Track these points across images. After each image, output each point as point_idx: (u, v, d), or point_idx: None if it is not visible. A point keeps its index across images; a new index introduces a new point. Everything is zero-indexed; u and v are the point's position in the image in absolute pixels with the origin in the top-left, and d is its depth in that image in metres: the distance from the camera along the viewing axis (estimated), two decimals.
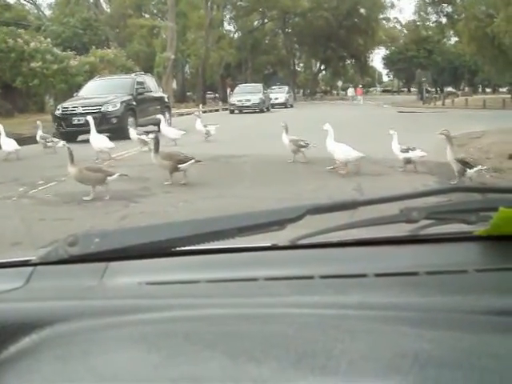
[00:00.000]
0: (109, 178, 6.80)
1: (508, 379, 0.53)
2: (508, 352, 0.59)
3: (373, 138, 8.79)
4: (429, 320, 0.70)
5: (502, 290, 0.82)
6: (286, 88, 38.83)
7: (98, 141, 10.76)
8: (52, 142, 11.73)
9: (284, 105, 35.33)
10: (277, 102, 34.73)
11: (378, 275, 0.86)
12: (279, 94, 36.61)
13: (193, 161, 7.72)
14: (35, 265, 0.91)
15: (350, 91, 46.96)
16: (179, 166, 7.59)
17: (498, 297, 0.78)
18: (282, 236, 0.96)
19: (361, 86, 55.21)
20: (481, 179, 7.40)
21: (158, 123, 17.25)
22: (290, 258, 0.97)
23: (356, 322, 0.69)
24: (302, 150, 9.35)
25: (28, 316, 0.72)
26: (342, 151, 8.26)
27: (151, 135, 11.70)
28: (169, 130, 13.35)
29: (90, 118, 11.33)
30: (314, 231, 0.95)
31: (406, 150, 8.32)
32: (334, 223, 0.94)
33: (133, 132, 11.79)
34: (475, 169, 7.28)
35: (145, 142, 11.16)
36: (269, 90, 34.78)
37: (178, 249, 0.89)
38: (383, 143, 8.82)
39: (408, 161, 8.33)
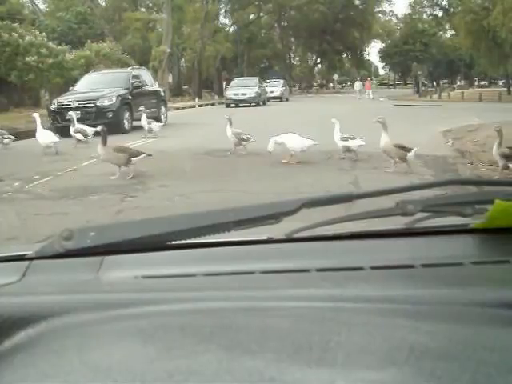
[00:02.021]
0: None
1: (504, 371, 0.53)
2: (504, 344, 0.60)
3: (367, 131, 8.82)
4: (425, 312, 0.70)
5: (498, 283, 0.82)
6: (282, 81, 38.72)
7: (44, 136, 10.70)
8: (9, 138, 11.76)
9: (279, 98, 35.27)
10: (272, 95, 34.66)
11: (374, 268, 0.87)
12: (275, 87, 36.53)
13: (144, 155, 7.77)
14: (31, 259, 0.91)
15: (358, 85, 44.73)
16: (131, 159, 7.60)
17: (493, 289, 0.78)
18: (278, 229, 0.96)
19: (369, 78, 53.78)
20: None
21: (155, 117, 17.33)
22: (286, 251, 0.97)
23: (352, 314, 0.69)
24: (244, 143, 9.69)
25: (24, 310, 0.72)
26: (294, 141, 8.54)
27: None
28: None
29: (36, 115, 11.25)
30: (310, 224, 0.95)
31: (346, 139, 8.69)
32: (330, 216, 0.94)
33: (72, 129, 11.74)
34: (412, 152, 7.50)
35: (78, 140, 11.26)
36: (264, 84, 34.71)
37: (174, 242, 0.89)
38: (378, 137, 8.85)
39: (347, 149, 8.70)
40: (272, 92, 35.11)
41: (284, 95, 36.42)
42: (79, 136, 11.56)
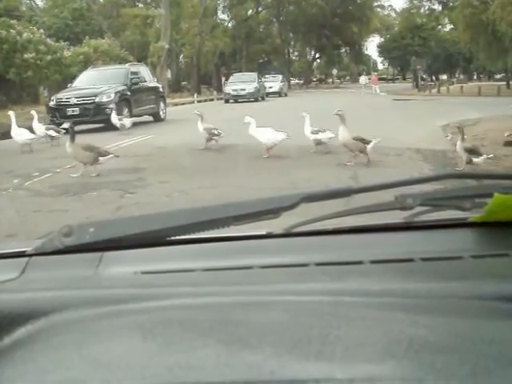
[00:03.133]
0: None
1: (503, 364, 0.53)
2: (503, 337, 0.60)
3: (368, 128, 8.82)
4: (424, 306, 0.70)
5: (497, 276, 0.82)
6: (281, 77, 38.67)
7: (19, 134, 10.71)
8: None
9: (278, 93, 35.21)
10: (271, 90, 34.61)
11: (373, 262, 0.87)
12: (273, 82, 36.48)
13: (112, 155, 7.82)
14: (30, 255, 0.91)
15: (363, 79, 43.87)
16: (100, 158, 7.63)
17: (493, 283, 0.79)
18: (277, 224, 0.96)
19: (375, 73, 53.45)
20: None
21: (153, 113, 17.30)
22: (285, 245, 0.97)
23: (351, 308, 0.69)
24: (216, 137, 9.86)
25: (23, 306, 0.72)
26: (267, 135, 8.73)
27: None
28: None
29: (11, 113, 11.26)
30: (309, 219, 0.95)
31: (317, 132, 8.84)
32: (329, 211, 0.94)
33: (41, 127, 11.62)
34: (371, 144, 7.65)
35: (52, 137, 11.18)
36: (263, 79, 34.66)
37: (173, 238, 0.89)
38: (378, 133, 8.85)
39: (318, 142, 8.87)
40: (271, 87, 35.07)
41: (283, 90, 36.37)
42: (52, 132, 11.45)
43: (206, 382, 0.51)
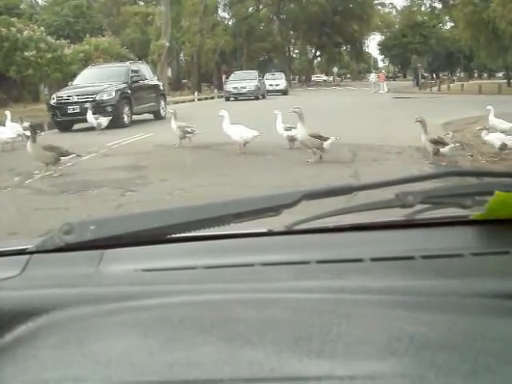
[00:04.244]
0: None
1: (503, 362, 0.53)
2: (503, 334, 0.60)
3: (368, 125, 8.81)
4: (424, 303, 0.70)
5: (498, 274, 0.82)
6: (281, 75, 38.65)
7: (2, 133, 10.71)
8: None
9: (279, 92, 35.21)
10: (272, 88, 34.62)
11: (373, 260, 0.87)
12: (274, 80, 36.46)
13: (74, 155, 7.80)
14: (31, 253, 0.91)
15: (373, 77, 43.68)
16: (61, 158, 7.60)
17: (493, 280, 0.79)
18: (278, 222, 0.96)
19: (383, 71, 53.48)
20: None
21: (154, 111, 17.28)
22: (285, 243, 0.97)
23: (352, 306, 0.69)
24: (189, 135, 9.98)
25: (24, 304, 0.72)
26: (238, 132, 8.94)
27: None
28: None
29: None
30: (310, 217, 0.95)
31: (289, 129, 8.95)
32: (330, 208, 0.94)
33: (16, 126, 11.46)
34: (329, 141, 7.80)
35: (27, 137, 11.10)
36: (264, 77, 34.64)
37: (173, 235, 0.89)
38: (378, 131, 8.84)
39: (291, 138, 8.99)
40: (271, 85, 35.05)
41: (283, 89, 36.35)
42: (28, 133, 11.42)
43: (207, 378, 0.51)
